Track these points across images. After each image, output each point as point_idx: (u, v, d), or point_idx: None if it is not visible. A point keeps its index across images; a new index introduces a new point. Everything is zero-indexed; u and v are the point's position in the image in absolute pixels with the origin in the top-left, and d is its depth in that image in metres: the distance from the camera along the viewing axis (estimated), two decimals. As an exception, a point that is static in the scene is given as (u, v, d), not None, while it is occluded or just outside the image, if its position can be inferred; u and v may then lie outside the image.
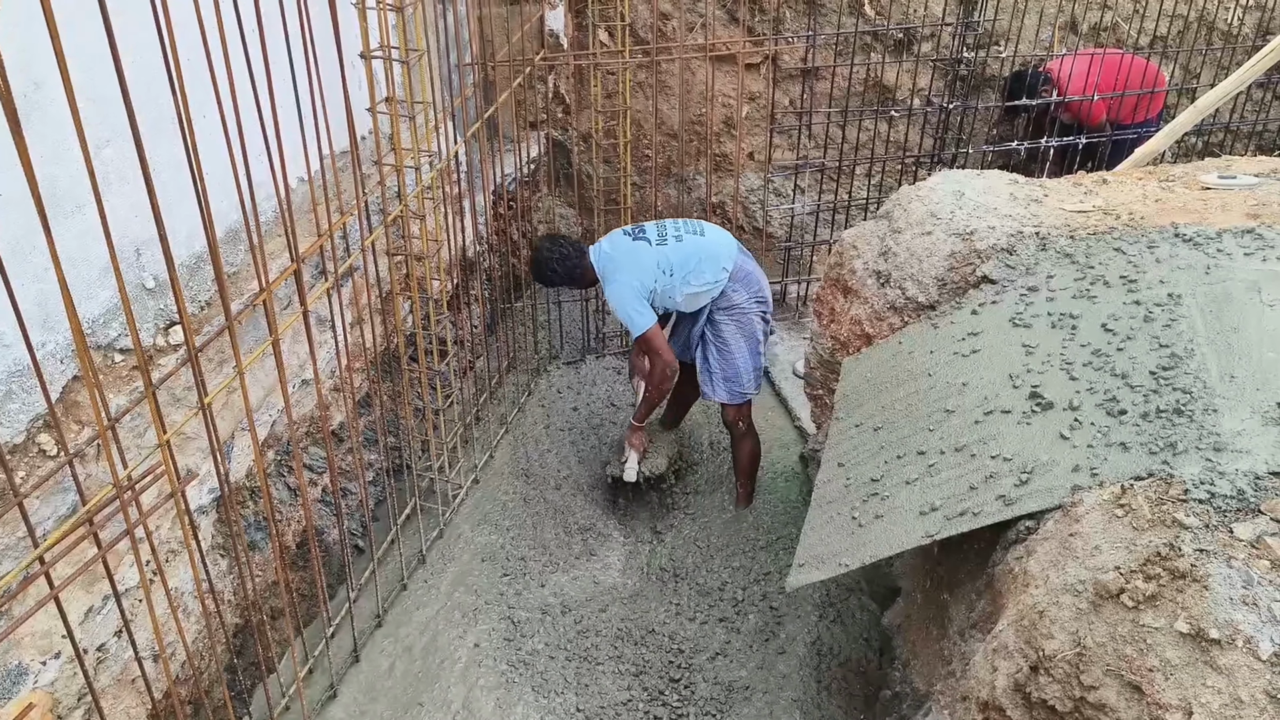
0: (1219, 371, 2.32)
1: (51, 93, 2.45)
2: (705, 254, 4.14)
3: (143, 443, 2.86)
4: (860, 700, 3.48)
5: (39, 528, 2.48)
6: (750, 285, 4.24)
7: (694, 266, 4.11)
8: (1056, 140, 5.65)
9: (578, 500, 4.58)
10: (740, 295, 4.21)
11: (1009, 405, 2.50)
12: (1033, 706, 1.94)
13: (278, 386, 2.97)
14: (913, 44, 6.05)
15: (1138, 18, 6.18)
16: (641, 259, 4.11)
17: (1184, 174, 3.58)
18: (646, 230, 4.23)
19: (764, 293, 4.32)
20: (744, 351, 4.27)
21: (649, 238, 4.17)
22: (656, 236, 4.18)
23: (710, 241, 4.20)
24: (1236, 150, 6.38)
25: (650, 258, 4.10)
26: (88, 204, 2.57)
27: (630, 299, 4.07)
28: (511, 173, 5.28)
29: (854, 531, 2.55)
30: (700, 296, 4.17)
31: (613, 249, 4.20)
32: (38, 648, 2.54)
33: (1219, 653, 1.68)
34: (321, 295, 3.22)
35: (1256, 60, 4.27)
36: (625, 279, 4.09)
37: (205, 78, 2.21)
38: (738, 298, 4.20)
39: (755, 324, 4.28)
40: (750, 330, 4.28)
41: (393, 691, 3.63)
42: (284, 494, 3.71)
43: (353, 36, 3.14)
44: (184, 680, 3.09)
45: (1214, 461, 2.04)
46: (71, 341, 2.59)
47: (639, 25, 5.77)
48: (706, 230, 4.27)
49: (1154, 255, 2.82)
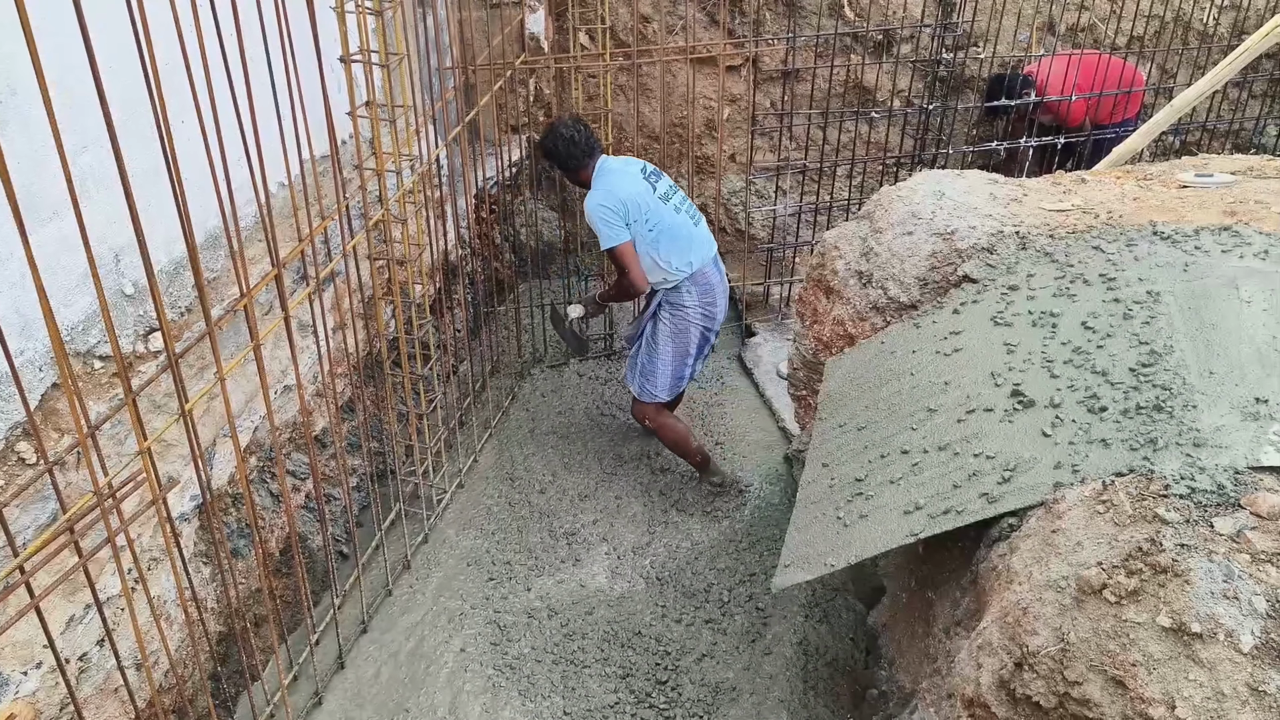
0: (1198, 368, 2.34)
1: (27, 98, 2.43)
2: (686, 240, 4.17)
3: (123, 450, 2.84)
4: (847, 699, 3.48)
5: (19, 536, 2.46)
6: (704, 295, 4.26)
7: (669, 243, 4.13)
8: (1035, 140, 5.69)
9: (563, 504, 4.57)
10: (689, 299, 4.24)
11: (991, 403, 2.52)
12: (1018, 702, 1.95)
13: (259, 392, 2.95)
14: (892, 45, 6.08)
15: (1115, 18, 6.23)
16: (637, 193, 4.10)
17: (1161, 173, 3.61)
18: (659, 180, 4.23)
19: (715, 309, 4.32)
20: (668, 357, 4.30)
21: (655, 186, 4.18)
22: (662, 192, 4.19)
23: (697, 233, 4.23)
24: (1213, 149, 6.43)
25: (644, 200, 4.11)
26: (65, 210, 2.55)
27: (609, 212, 4.06)
28: (493, 176, 5.27)
29: (839, 531, 2.56)
30: (653, 273, 4.19)
31: (618, 169, 4.19)
32: (19, 657, 2.52)
33: (1201, 646, 1.70)
34: (303, 300, 3.21)
35: (1232, 59, 4.31)
36: (611, 193, 4.08)
37: (184, 82, 2.20)
38: (687, 300, 4.23)
39: (692, 335, 4.29)
40: (684, 339, 4.29)
41: (379, 698, 3.61)
42: (267, 500, 3.69)
43: (332, 41, 3.13)
44: (167, 689, 3.07)
45: (1194, 457, 2.05)
46: (50, 349, 2.58)
47: (619, 28, 5.77)
48: (700, 223, 4.30)
49: (1133, 253, 2.85)
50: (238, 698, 3.43)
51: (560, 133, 4.18)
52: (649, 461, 4.80)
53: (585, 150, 4.19)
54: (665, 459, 4.79)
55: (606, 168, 4.20)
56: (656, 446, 4.80)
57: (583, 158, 4.20)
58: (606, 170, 4.19)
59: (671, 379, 4.37)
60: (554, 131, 4.21)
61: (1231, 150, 6.43)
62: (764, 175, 6.01)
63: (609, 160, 4.26)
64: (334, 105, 3.06)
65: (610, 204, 4.07)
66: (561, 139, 4.17)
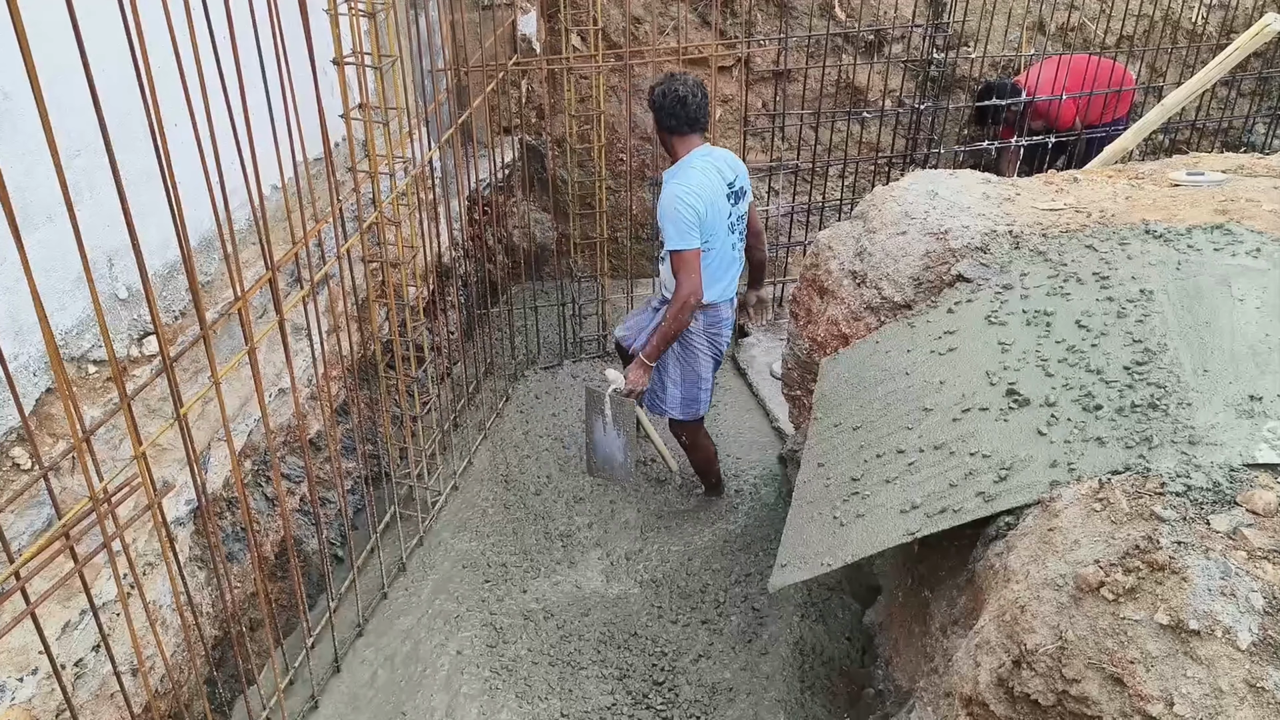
0: (1192, 366, 2.35)
1: (21, 102, 2.42)
2: (724, 273, 4.04)
3: (118, 455, 2.83)
4: (844, 699, 3.49)
5: (14, 542, 2.45)
6: (712, 326, 4.13)
7: (711, 270, 3.95)
8: (1026, 140, 5.71)
9: (558, 505, 4.57)
10: (695, 326, 4.06)
11: (986, 403, 2.52)
12: (1016, 701, 1.95)
13: (254, 396, 2.94)
14: (883, 46, 6.10)
15: (1104, 18, 6.25)
16: (716, 207, 3.86)
17: (1153, 172, 3.62)
18: (738, 203, 3.99)
19: (721, 339, 4.19)
20: (677, 379, 4.17)
21: (732, 210, 3.95)
22: (734, 219, 3.98)
23: (734, 270, 4.10)
24: (1203, 147, 6.47)
25: (717, 219, 3.88)
26: (58, 214, 2.55)
27: (690, 211, 3.79)
28: (486, 178, 5.27)
29: (835, 531, 2.56)
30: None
31: (712, 170, 3.89)
32: (14, 664, 2.50)
33: (1199, 644, 1.70)
34: (297, 303, 3.20)
35: (1222, 59, 4.33)
36: (699, 194, 3.82)
37: (177, 85, 2.19)
38: (693, 326, 4.06)
39: (701, 360, 4.16)
40: (693, 364, 4.15)
41: (375, 701, 3.60)
42: (262, 504, 3.68)
43: (325, 43, 3.12)
44: (164, 694, 3.06)
45: (1189, 455, 2.06)
46: (44, 353, 2.57)
47: (611, 29, 5.78)
48: (740, 255, 4.14)
49: (1125, 252, 2.86)
50: (234, 702, 3.42)
51: (676, 88, 3.86)
52: (643, 465, 4.80)
53: (689, 120, 3.89)
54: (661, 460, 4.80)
55: (704, 161, 3.90)
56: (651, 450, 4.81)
57: (682, 125, 3.89)
58: (703, 164, 3.89)
59: (682, 400, 4.23)
60: (671, 82, 3.88)
61: (1221, 148, 6.47)
62: (756, 175, 6.02)
63: (716, 152, 3.98)
64: (327, 107, 3.06)
65: (694, 204, 3.80)
66: (674, 95, 3.85)
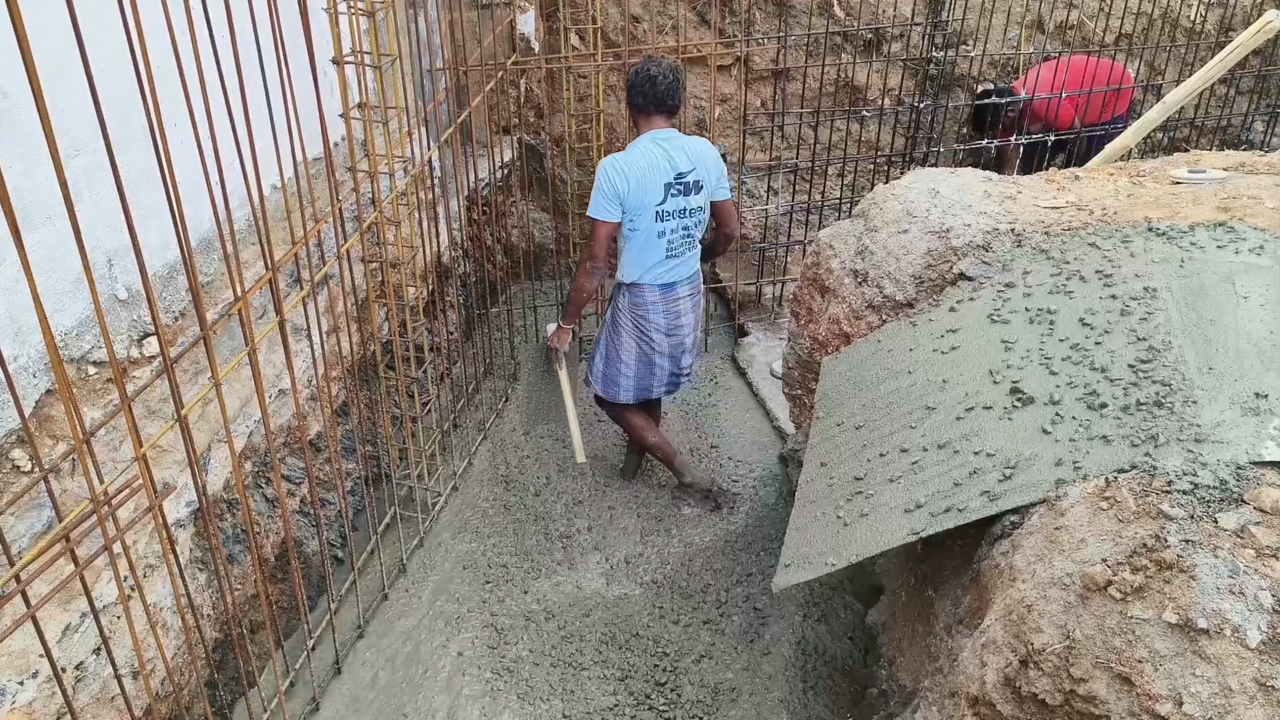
0: (1197, 363, 2.34)
1: (19, 101, 2.41)
2: (649, 262, 4.03)
3: (118, 456, 2.81)
4: (847, 699, 3.48)
5: (14, 545, 2.43)
6: (636, 306, 4.12)
7: (632, 250, 3.99)
8: (1026, 138, 5.70)
9: (558, 507, 4.56)
10: (623, 302, 4.14)
11: (990, 401, 2.52)
12: (1023, 700, 1.95)
13: (254, 397, 2.93)
14: (882, 44, 6.09)
15: (1103, 16, 6.25)
16: (645, 190, 3.86)
17: (1154, 169, 3.62)
18: (684, 199, 3.94)
19: (650, 328, 4.15)
20: (602, 349, 4.27)
21: (667, 200, 3.92)
22: (672, 209, 3.94)
23: (665, 264, 4.06)
24: (1201, 145, 6.47)
25: (644, 202, 3.88)
26: (58, 215, 2.54)
27: (609, 184, 3.84)
28: (485, 178, 5.26)
29: (839, 531, 2.55)
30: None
31: (657, 153, 3.89)
32: (15, 667, 2.49)
33: (1207, 642, 1.70)
34: (297, 304, 3.19)
35: (1222, 57, 4.33)
36: (627, 167, 3.85)
37: (176, 85, 2.18)
38: (621, 302, 4.14)
39: (625, 341, 4.19)
40: (618, 341, 4.20)
41: (376, 703, 3.59)
42: (262, 506, 3.66)
43: (324, 42, 3.11)
44: (164, 696, 3.04)
45: (1195, 452, 2.06)
46: (44, 354, 2.55)
47: (610, 28, 5.77)
48: (682, 261, 4.10)
49: (1128, 250, 2.85)
50: (234, 705, 3.41)
51: (649, 68, 3.87)
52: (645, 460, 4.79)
53: (655, 100, 3.87)
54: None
55: (654, 143, 3.89)
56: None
57: (648, 104, 3.89)
58: (651, 145, 3.89)
59: (603, 376, 4.28)
60: (646, 63, 3.90)
61: (1220, 146, 6.46)
62: (756, 175, 6.01)
63: (678, 139, 3.94)
64: (326, 107, 3.04)
65: (615, 179, 3.82)
66: (644, 73, 3.86)
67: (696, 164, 3.96)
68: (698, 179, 3.97)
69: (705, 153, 4.01)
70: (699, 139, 4.08)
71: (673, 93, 3.91)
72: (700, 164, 3.97)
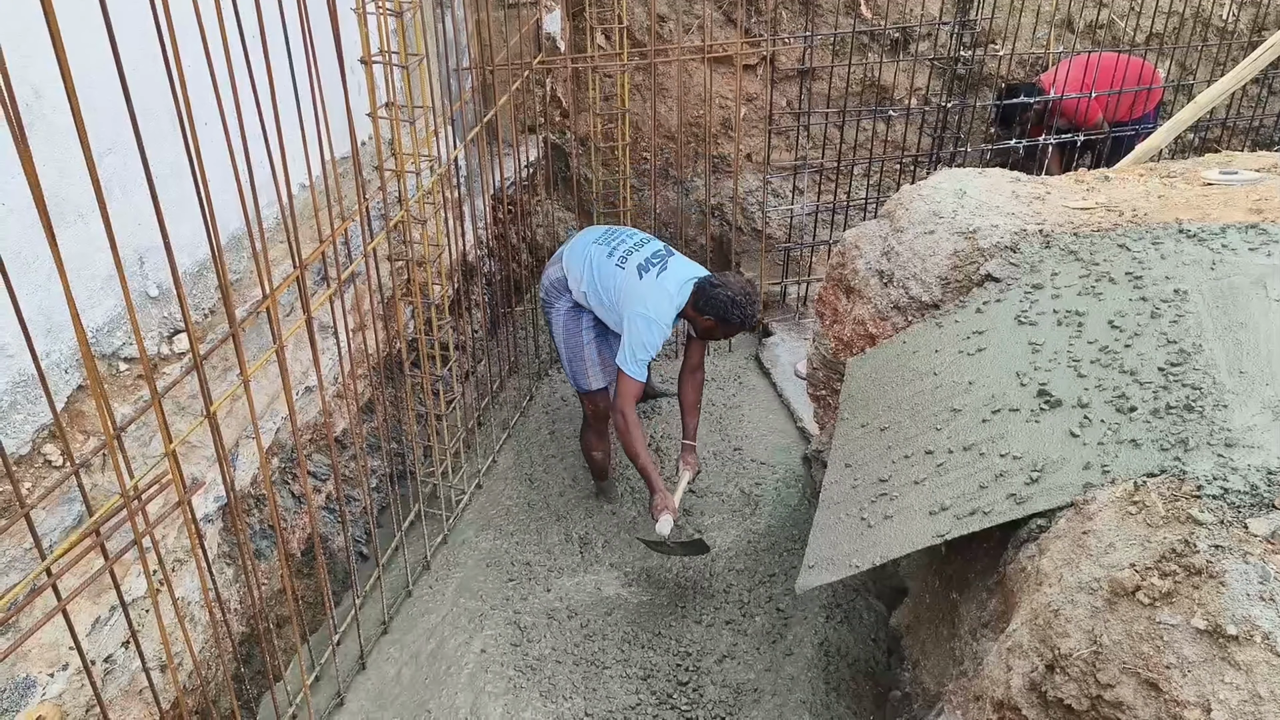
0: (1228, 367, 2.32)
1: (53, 101, 2.44)
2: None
3: (148, 452, 2.85)
4: (870, 701, 3.47)
5: (45, 539, 2.47)
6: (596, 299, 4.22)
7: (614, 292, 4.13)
8: (1055, 138, 5.66)
9: (582, 505, 4.56)
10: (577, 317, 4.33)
11: (1017, 403, 2.50)
12: (1049, 706, 1.93)
13: (280, 394, 2.95)
14: (909, 43, 6.05)
15: (1133, 15, 6.19)
16: (661, 291, 4.05)
17: (1185, 170, 3.58)
18: (627, 260, 4.15)
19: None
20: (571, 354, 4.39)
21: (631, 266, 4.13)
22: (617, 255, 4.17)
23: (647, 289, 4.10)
24: (1233, 146, 6.39)
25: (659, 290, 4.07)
26: (89, 213, 2.57)
27: (655, 338, 4.02)
28: (510, 177, 5.27)
29: (863, 532, 2.54)
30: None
31: (643, 276, 4.10)
32: (45, 660, 2.52)
33: (1237, 649, 1.68)
34: (324, 302, 3.21)
35: (1256, 56, 4.28)
36: (656, 314, 4.02)
37: (207, 84, 2.20)
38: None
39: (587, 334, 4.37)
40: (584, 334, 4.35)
41: (400, 698, 3.61)
42: (288, 501, 3.69)
43: (352, 42, 3.13)
44: (191, 690, 3.08)
45: (1226, 457, 2.03)
46: (75, 351, 2.59)
47: (636, 28, 5.77)
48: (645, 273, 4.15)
49: (1159, 251, 2.82)
50: (260, 698, 3.44)
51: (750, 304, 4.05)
52: (668, 461, 4.79)
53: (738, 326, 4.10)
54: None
55: (633, 278, 4.08)
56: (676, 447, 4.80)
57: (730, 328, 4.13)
58: (633, 279, 4.09)
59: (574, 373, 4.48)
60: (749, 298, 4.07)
61: (1252, 147, 6.39)
62: (780, 175, 5.99)
63: (619, 268, 4.14)
64: (354, 106, 3.06)
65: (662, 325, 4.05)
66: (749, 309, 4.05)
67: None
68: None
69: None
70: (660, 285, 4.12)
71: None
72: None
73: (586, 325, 4.30)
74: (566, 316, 4.30)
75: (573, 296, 4.25)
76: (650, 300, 4.00)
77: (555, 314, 4.33)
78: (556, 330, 4.37)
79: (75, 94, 1.77)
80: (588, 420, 4.55)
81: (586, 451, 4.58)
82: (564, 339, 4.34)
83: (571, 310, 4.30)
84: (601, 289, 4.11)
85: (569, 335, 4.32)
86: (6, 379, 2.43)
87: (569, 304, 4.29)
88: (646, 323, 3.98)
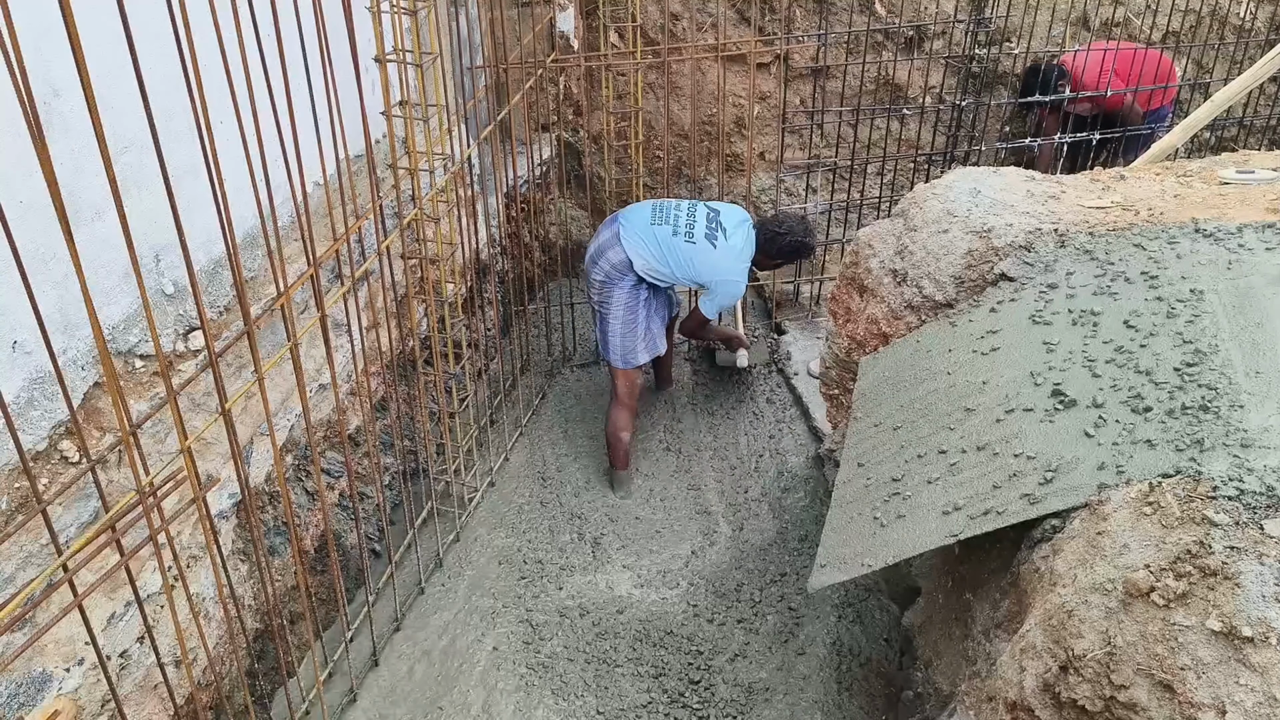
0: (1244, 367, 2.30)
1: (69, 101, 2.46)
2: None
3: (163, 449, 2.86)
4: (882, 701, 3.46)
5: (61, 535, 2.48)
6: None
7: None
8: (1070, 136, 5.63)
9: (594, 505, 4.57)
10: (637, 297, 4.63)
11: (1031, 403, 2.49)
12: (1062, 706, 1.93)
13: (295, 391, 2.97)
14: (924, 42, 6.04)
15: (1150, 13, 6.15)
16: (733, 254, 4.56)
17: (1201, 169, 3.56)
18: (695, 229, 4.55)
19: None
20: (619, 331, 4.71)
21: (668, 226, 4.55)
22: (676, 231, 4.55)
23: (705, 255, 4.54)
24: (1250, 144, 6.35)
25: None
26: (106, 211, 2.58)
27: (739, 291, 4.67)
28: (523, 175, 5.28)
29: (876, 532, 2.54)
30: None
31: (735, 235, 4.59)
32: (61, 655, 2.54)
33: (1252, 651, 1.67)
34: (339, 299, 3.22)
35: (1273, 54, 4.25)
36: (739, 275, 4.58)
37: (223, 83, 2.21)
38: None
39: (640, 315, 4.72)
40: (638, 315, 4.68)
41: (412, 695, 3.63)
42: (302, 498, 3.71)
43: (367, 40, 3.14)
44: (206, 685, 3.09)
45: (1242, 458, 2.02)
46: (92, 348, 2.60)
47: (649, 26, 5.76)
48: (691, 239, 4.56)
49: (1175, 251, 2.81)
50: (274, 694, 3.45)
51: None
52: (680, 459, 4.79)
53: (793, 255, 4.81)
54: (697, 459, 4.79)
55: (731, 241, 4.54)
56: (690, 446, 4.80)
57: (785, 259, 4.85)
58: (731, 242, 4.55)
59: (624, 350, 4.78)
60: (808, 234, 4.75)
61: (1268, 146, 6.34)
62: (794, 173, 5.98)
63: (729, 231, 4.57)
64: (368, 104, 3.07)
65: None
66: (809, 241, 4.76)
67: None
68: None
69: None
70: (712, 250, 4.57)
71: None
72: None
73: (644, 300, 4.61)
74: (629, 295, 4.58)
75: (637, 273, 4.53)
76: (728, 266, 4.55)
77: (618, 292, 4.57)
78: (616, 308, 4.59)
79: (93, 93, 1.79)
80: (620, 400, 4.67)
81: (614, 434, 4.65)
82: (623, 316, 4.60)
83: (634, 288, 4.57)
84: (675, 265, 4.52)
85: (628, 311, 4.59)
86: (24, 376, 2.45)
87: (632, 281, 4.55)
88: (732, 284, 4.60)
